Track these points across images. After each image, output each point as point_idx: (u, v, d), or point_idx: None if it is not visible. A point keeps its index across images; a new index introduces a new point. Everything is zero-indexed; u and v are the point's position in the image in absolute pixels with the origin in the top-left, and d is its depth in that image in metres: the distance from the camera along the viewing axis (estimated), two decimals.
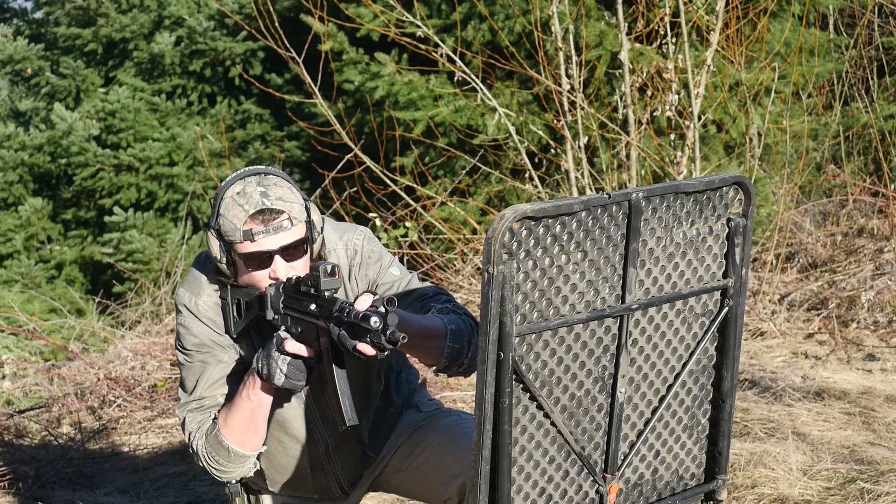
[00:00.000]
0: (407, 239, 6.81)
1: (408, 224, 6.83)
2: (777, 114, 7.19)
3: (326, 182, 7.08)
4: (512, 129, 6.83)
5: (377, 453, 2.86)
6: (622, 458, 2.31)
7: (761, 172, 7.16)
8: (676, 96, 6.61)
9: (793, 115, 7.20)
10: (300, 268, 2.57)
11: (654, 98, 6.63)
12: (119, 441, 4.88)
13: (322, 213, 2.75)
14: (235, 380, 2.67)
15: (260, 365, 2.52)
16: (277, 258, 2.53)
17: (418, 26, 6.74)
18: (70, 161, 9.73)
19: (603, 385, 2.23)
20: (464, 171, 7.26)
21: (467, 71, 6.73)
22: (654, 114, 6.72)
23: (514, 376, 2.07)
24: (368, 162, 6.77)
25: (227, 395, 2.66)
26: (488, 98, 6.82)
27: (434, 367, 2.58)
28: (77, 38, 10.22)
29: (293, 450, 2.79)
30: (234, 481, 2.74)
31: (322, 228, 2.66)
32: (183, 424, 2.69)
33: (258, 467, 2.71)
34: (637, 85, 6.62)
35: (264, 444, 2.71)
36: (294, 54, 6.51)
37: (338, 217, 7.38)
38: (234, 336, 2.66)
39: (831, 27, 8.34)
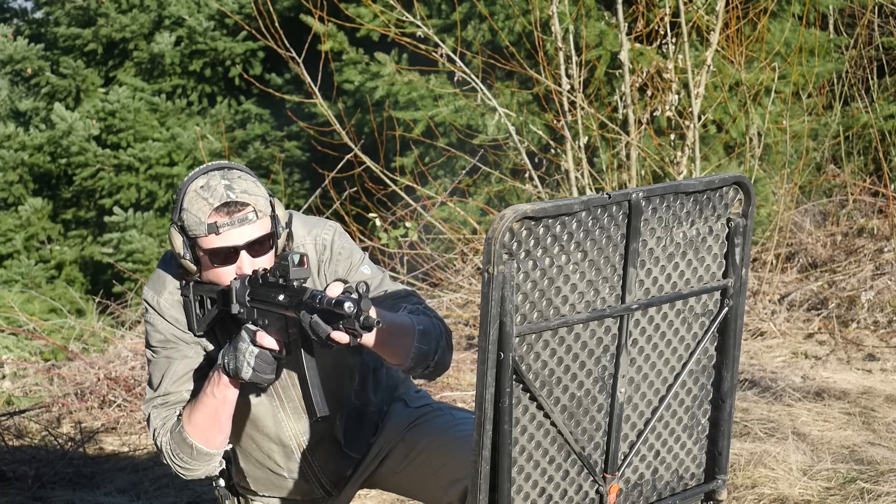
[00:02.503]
0: (407, 239, 6.81)
1: (408, 224, 6.83)
2: (777, 114, 7.19)
3: (326, 182, 7.08)
4: (512, 129, 6.83)
5: (359, 453, 2.80)
6: (622, 458, 2.31)
7: (761, 172, 7.16)
8: (676, 96, 6.61)
9: (793, 115, 7.20)
10: (265, 263, 2.52)
11: (654, 98, 6.63)
12: (119, 441, 4.88)
13: (287, 207, 2.72)
14: (201, 376, 2.64)
15: (226, 360, 2.48)
16: (243, 254, 2.49)
17: (418, 26, 6.74)
18: (70, 161, 9.73)
19: (603, 385, 2.23)
20: (464, 171, 7.26)
21: (467, 71, 6.73)
22: (654, 114, 6.72)
23: (514, 376, 2.07)
24: (368, 162, 6.77)
25: (193, 392, 2.63)
26: (488, 98, 6.82)
27: (399, 368, 2.54)
28: (77, 38, 10.22)
29: (266, 448, 2.75)
30: (201, 477, 2.69)
31: (289, 223, 2.62)
32: (148, 420, 2.65)
33: (223, 466, 2.69)
34: (637, 85, 6.62)
35: (236, 444, 2.69)
36: (294, 54, 6.51)
37: (338, 217, 7.38)
38: (199, 334, 2.63)
39: (831, 27, 8.34)
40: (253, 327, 2.47)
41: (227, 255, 2.49)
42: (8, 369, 6.02)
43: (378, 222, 6.66)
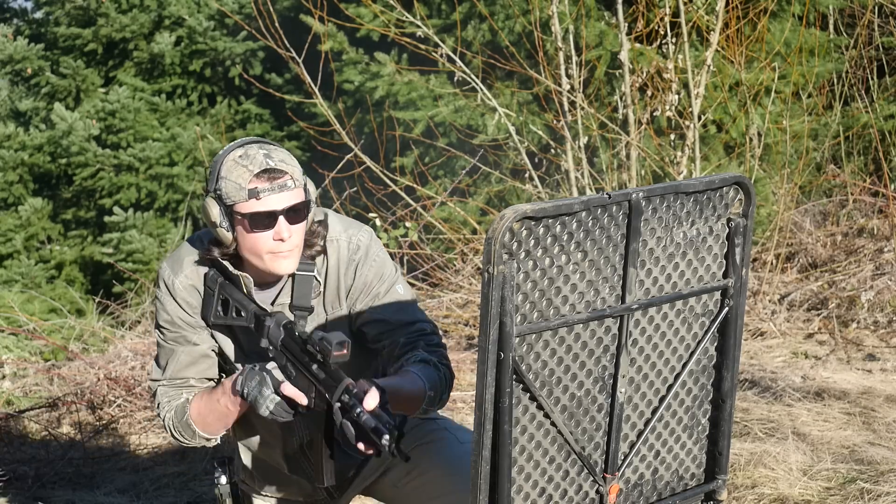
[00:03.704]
0: (407, 239, 6.80)
1: (408, 224, 6.83)
2: (777, 114, 7.19)
3: (326, 182, 7.08)
4: (512, 129, 6.83)
5: (361, 455, 2.81)
6: (622, 458, 2.31)
7: (761, 172, 7.16)
8: (676, 96, 6.61)
9: (793, 115, 7.20)
10: (299, 232, 2.56)
11: (654, 98, 6.63)
12: (119, 441, 4.88)
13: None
14: (206, 357, 2.71)
15: (246, 391, 2.52)
16: (281, 219, 2.52)
17: (418, 26, 6.74)
18: (70, 161, 9.73)
19: (603, 385, 2.23)
20: (464, 171, 7.26)
21: (467, 71, 6.73)
22: (654, 114, 6.72)
23: (514, 376, 2.07)
24: (368, 162, 6.77)
25: (204, 377, 2.72)
26: (488, 98, 6.82)
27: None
28: (77, 38, 10.21)
29: (272, 443, 2.78)
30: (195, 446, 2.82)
31: (325, 216, 2.67)
32: (154, 394, 2.76)
33: (219, 443, 2.77)
34: (637, 85, 6.61)
35: (243, 440, 2.78)
36: (294, 54, 6.51)
37: None
38: (210, 323, 2.67)
39: (831, 27, 8.34)
40: (280, 376, 2.52)
41: (267, 220, 2.52)
42: (8, 369, 6.02)
43: (378, 222, 6.66)
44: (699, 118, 6.58)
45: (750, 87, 6.91)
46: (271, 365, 2.58)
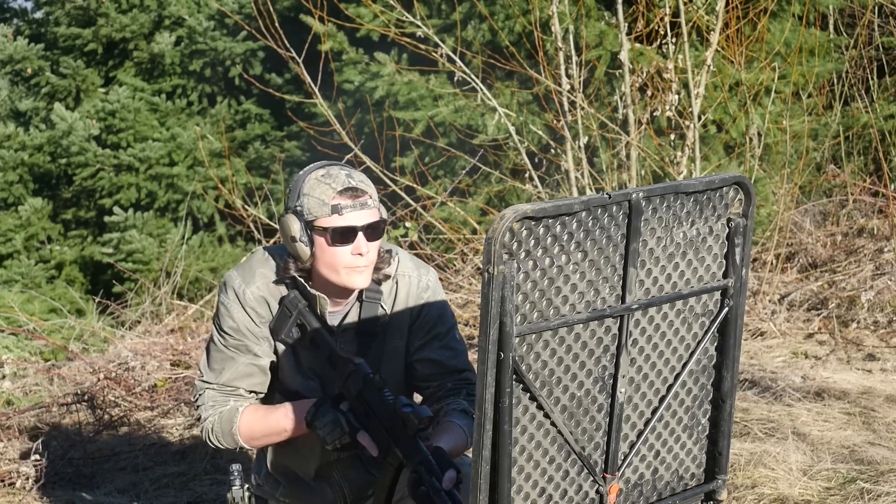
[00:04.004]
0: (407, 239, 6.81)
1: (408, 224, 6.84)
2: (777, 114, 7.19)
3: None
4: (512, 129, 6.83)
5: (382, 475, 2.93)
6: (622, 458, 2.31)
7: (761, 172, 7.16)
8: (676, 96, 6.61)
9: (793, 115, 7.20)
10: (374, 249, 2.71)
11: (654, 98, 6.63)
12: (119, 441, 4.88)
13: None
14: (262, 372, 2.79)
15: (318, 423, 2.64)
16: (360, 234, 2.66)
17: (418, 26, 6.74)
18: (70, 161, 9.73)
19: (603, 385, 2.23)
20: (464, 171, 7.26)
21: (467, 71, 6.73)
22: (654, 114, 6.72)
23: (514, 376, 2.07)
24: (368, 162, 6.77)
25: (254, 391, 2.80)
26: (488, 98, 6.82)
27: None
28: (77, 38, 10.22)
29: (306, 453, 2.86)
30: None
31: (396, 252, 2.84)
32: (199, 396, 2.80)
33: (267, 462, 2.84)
34: (637, 85, 6.62)
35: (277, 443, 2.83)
36: (294, 54, 6.51)
37: None
38: (279, 340, 2.77)
39: (831, 27, 8.34)
40: (356, 423, 2.63)
41: (347, 235, 2.66)
42: (8, 369, 6.02)
43: None
44: (699, 118, 6.58)
45: (750, 87, 6.91)
46: (345, 406, 2.66)
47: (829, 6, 7.86)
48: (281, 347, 2.79)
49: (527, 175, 6.94)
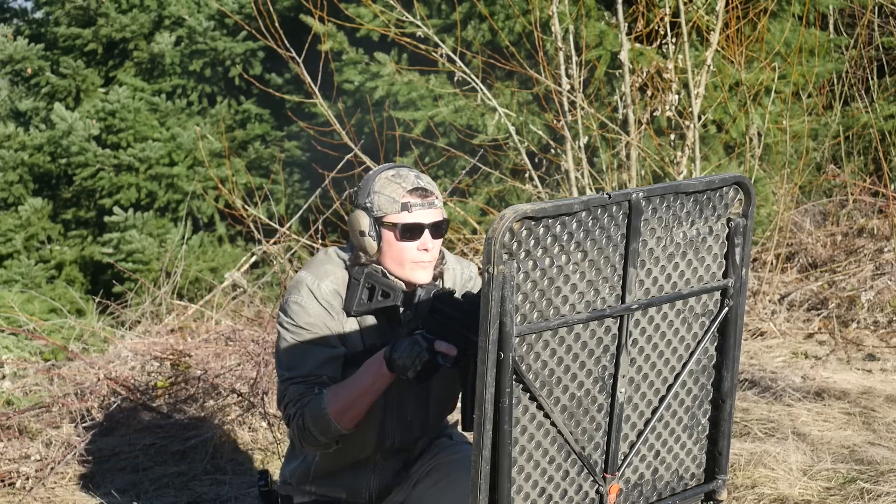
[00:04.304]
0: None
1: None
2: (777, 114, 7.19)
3: (326, 182, 7.08)
4: (512, 129, 6.83)
5: (409, 471, 3.03)
6: (622, 458, 2.31)
7: (761, 172, 7.16)
8: (676, 96, 6.61)
9: (793, 115, 7.20)
10: (437, 247, 2.89)
11: (654, 98, 6.63)
12: (119, 441, 4.88)
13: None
14: (338, 360, 2.88)
15: (395, 356, 2.71)
16: (427, 231, 2.84)
17: (418, 26, 6.74)
18: (70, 161, 9.72)
19: (603, 385, 2.23)
20: (464, 171, 7.26)
21: (467, 71, 6.72)
22: (654, 114, 6.72)
23: (514, 376, 2.07)
24: (368, 162, 6.77)
25: (343, 375, 2.87)
26: (488, 98, 6.82)
27: None
28: (77, 38, 10.21)
29: (359, 439, 2.92)
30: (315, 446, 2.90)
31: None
32: (284, 395, 2.87)
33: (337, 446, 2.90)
34: (637, 85, 6.61)
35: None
36: (294, 54, 6.51)
37: (338, 217, 7.39)
38: (353, 313, 2.88)
39: (831, 27, 8.34)
40: (430, 335, 2.72)
41: (414, 231, 2.84)
42: (8, 369, 6.01)
43: None
44: (699, 118, 6.58)
45: (750, 87, 6.91)
46: (417, 333, 2.77)
47: (829, 6, 7.85)
48: (350, 328, 2.88)
49: (527, 175, 6.94)
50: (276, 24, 6.58)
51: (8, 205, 10.10)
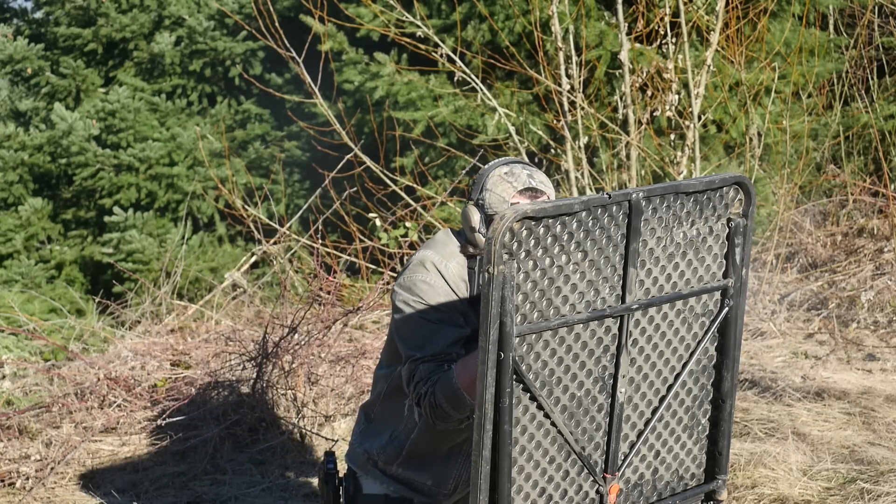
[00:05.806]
0: (407, 239, 6.80)
1: (408, 224, 6.83)
2: (777, 114, 7.19)
3: (326, 182, 7.08)
4: (512, 129, 6.83)
5: None
6: (622, 458, 2.31)
7: (761, 172, 7.16)
8: (676, 96, 6.61)
9: (793, 115, 7.20)
10: None
11: (654, 98, 6.63)
12: (119, 441, 4.88)
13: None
14: (464, 338, 2.84)
15: None
16: None
17: (418, 26, 6.74)
18: (70, 161, 9.72)
19: (603, 385, 2.23)
20: (464, 171, 7.26)
21: (467, 71, 6.72)
22: (654, 114, 6.72)
23: (514, 376, 2.07)
24: (368, 162, 6.77)
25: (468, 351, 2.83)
26: (488, 98, 6.82)
27: None
28: (77, 38, 10.21)
29: (463, 428, 2.88)
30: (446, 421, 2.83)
31: None
32: (413, 374, 2.79)
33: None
34: (637, 85, 6.62)
35: None
36: (294, 54, 6.51)
37: (338, 217, 7.39)
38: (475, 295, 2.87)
39: (831, 27, 8.34)
40: None
41: None
42: (8, 369, 6.02)
43: (378, 222, 6.66)
44: (699, 118, 6.58)
45: (750, 87, 6.91)
46: None
47: (829, 6, 7.86)
48: (472, 308, 2.88)
49: None
50: (276, 24, 6.58)
51: (8, 205, 10.10)
